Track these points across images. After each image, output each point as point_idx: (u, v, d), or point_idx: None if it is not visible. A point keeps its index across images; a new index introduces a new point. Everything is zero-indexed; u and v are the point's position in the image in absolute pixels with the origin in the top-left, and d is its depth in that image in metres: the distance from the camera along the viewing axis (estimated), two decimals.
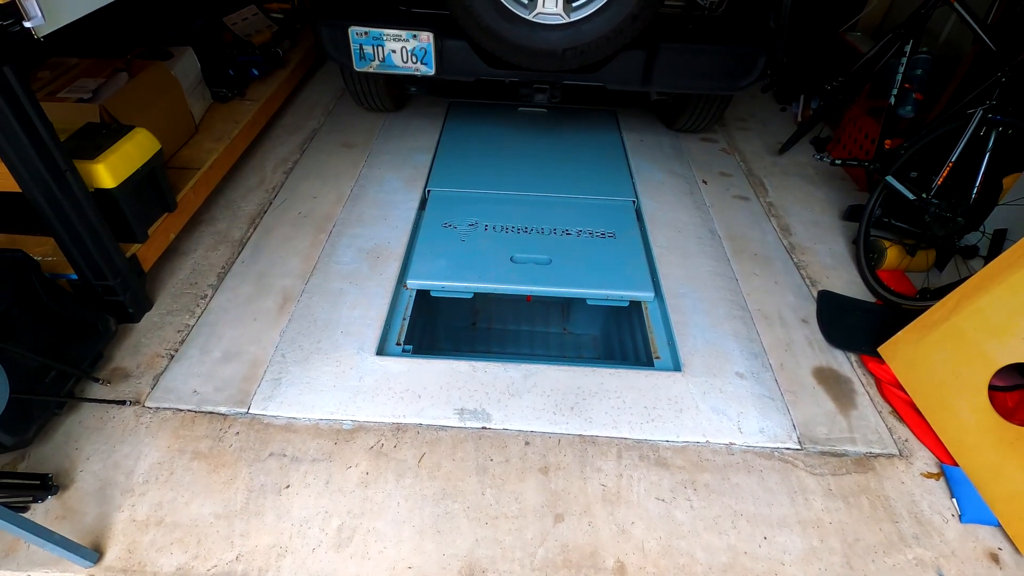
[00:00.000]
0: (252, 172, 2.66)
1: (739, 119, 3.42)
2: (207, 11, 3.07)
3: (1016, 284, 1.48)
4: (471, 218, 2.36)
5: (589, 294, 2.05)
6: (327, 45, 2.30)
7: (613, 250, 2.23)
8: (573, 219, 2.40)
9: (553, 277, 2.08)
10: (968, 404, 1.56)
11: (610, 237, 2.30)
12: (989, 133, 1.90)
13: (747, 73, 2.29)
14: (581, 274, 2.10)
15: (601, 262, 2.17)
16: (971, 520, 1.47)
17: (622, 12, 1.96)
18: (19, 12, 1.29)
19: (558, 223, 2.37)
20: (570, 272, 2.11)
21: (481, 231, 2.30)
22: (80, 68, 2.18)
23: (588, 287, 2.05)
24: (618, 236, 2.31)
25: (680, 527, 1.42)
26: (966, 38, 2.62)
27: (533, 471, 1.52)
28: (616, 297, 2.05)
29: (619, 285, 2.06)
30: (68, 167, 1.51)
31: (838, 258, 2.35)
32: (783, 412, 1.71)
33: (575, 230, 2.33)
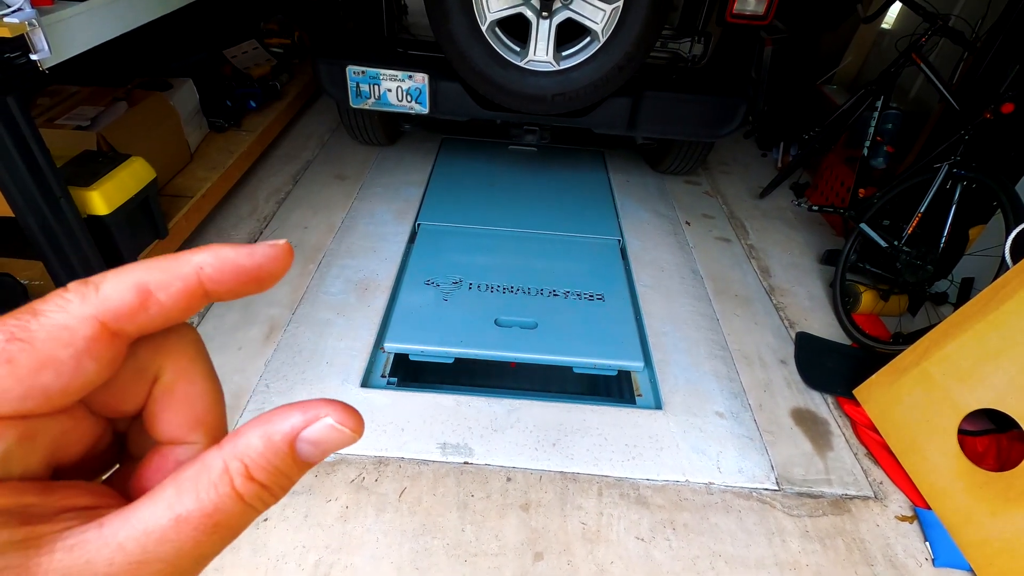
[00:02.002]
0: (245, 201, 2.69)
1: (722, 163, 3.54)
2: (209, 44, 3.16)
3: (981, 332, 1.54)
4: (455, 275, 2.25)
5: (576, 362, 1.94)
6: (324, 82, 2.37)
7: (602, 314, 2.13)
8: (561, 279, 2.29)
9: (539, 343, 1.97)
10: (938, 448, 1.60)
11: (599, 300, 2.19)
12: (955, 187, 2.00)
13: (728, 122, 2.40)
14: (568, 340, 1.99)
15: (589, 327, 2.06)
16: (944, 564, 1.49)
17: (609, 62, 2.06)
18: (27, 45, 1.34)
19: (545, 282, 2.26)
20: (557, 338, 2.00)
21: (465, 290, 2.18)
22: (80, 96, 2.22)
23: (576, 355, 1.94)
24: (607, 299, 2.21)
25: (659, 567, 1.42)
26: (933, 96, 2.77)
27: (514, 507, 1.52)
28: (604, 366, 1.95)
29: (608, 353, 1.95)
30: (63, 193, 1.53)
31: (816, 301, 2.42)
32: (762, 452, 1.74)
33: (563, 291, 2.22)
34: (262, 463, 0.19)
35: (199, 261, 0.20)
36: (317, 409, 0.19)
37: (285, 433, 0.19)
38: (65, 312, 0.18)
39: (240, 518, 0.19)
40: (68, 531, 0.17)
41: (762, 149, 3.76)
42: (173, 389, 0.22)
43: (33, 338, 0.17)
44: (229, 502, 0.18)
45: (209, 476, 0.18)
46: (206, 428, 0.22)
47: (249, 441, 0.19)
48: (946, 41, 2.33)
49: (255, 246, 0.20)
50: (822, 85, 3.60)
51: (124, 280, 0.19)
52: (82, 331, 0.18)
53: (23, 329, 0.17)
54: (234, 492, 0.18)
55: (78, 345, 0.18)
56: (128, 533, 0.17)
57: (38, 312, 0.18)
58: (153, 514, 0.18)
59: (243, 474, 0.18)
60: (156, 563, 0.17)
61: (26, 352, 0.17)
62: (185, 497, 0.18)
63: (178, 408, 0.22)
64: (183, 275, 0.19)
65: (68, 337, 0.17)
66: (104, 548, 0.17)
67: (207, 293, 0.20)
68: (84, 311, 0.18)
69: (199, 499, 0.18)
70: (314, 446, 0.19)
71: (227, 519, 0.18)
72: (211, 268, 0.20)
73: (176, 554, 0.18)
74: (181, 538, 0.18)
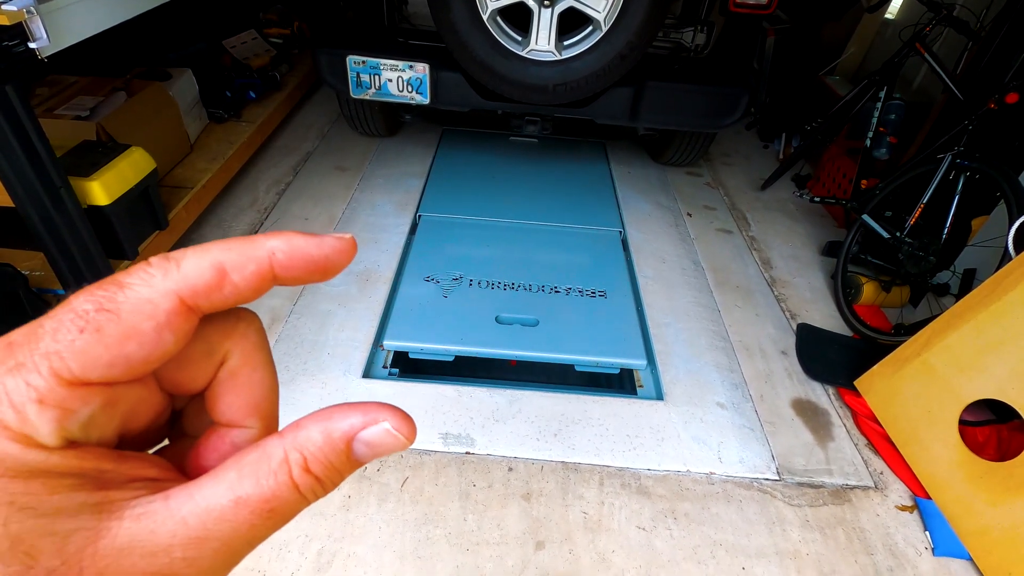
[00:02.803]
0: (245, 192, 2.69)
1: (724, 154, 3.53)
2: (208, 34, 3.14)
3: (983, 323, 1.54)
4: (455, 270, 2.22)
5: (578, 360, 1.92)
6: (325, 72, 2.36)
7: (604, 311, 2.10)
8: (562, 273, 2.26)
9: (540, 341, 1.94)
10: (939, 438, 1.60)
11: (601, 296, 2.16)
12: (958, 177, 1.99)
13: (730, 112, 2.39)
14: (570, 338, 1.96)
15: (591, 325, 2.03)
16: (944, 553, 1.50)
17: (611, 52, 2.04)
18: (25, 33, 1.32)
19: (546, 278, 2.22)
20: (558, 335, 1.97)
21: (465, 286, 2.15)
22: (79, 86, 2.21)
23: (577, 353, 1.92)
24: (609, 295, 2.17)
25: (660, 556, 1.43)
26: (937, 86, 2.75)
27: (515, 497, 1.52)
28: (607, 364, 1.92)
29: (611, 352, 1.93)
30: (63, 183, 1.53)
31: (817, 292, 2.42)
32: (762, 443, 1.74)
33: (564, 287, 2.19)
34: (320, 457, 0.19)
35: (272, 246, 0.20)
36: (376, 412, 0.20)
37: (344, 431, 0.20)
38: (148, 286, 0.18)
39: (293, 506, 0.19)
40: (136, 500, 0.18)
41: (764, 140, 3.74)
42: (238, 373, 0.23)
43: (119, 309, 0.18)
44: (285, 490, 0.19)
45: (269, 464, 0.19)
46: (262, 415, 0.23)
47: (310, 434, 0.20)
48: (950, 31, 2.31)
49: (324, 237, 0.21)
50: (824, 76, 3.57)
51: (204, 258, 0.20)
52: (163, 305, 0.19)
53: (110, 300, 0.18)
54: (291, 481, 0.19)
55: (159, 318, 0.19)
56: (191, 509, 0.18)
57: (124, 285, 0.18)
58: (215, 493, 0.19)
59: (301, 465, 0.19)
60: (213, 541, 0.18)
61: (113, 322, 0.18)
62: (246, 481, 0.19)
63: (240, 392, 0.23)
64: (257, 258, 0.20)
65: (151, 310, 0.18)
66: (168, 520, 0.18)
67: (275, 277, 0.21)
68: (166, 286, 0.19)
69: (259, 484, 0.19)
70: (369, 447, 0.20)
71: (281, 506, 0.19)
72: (283, 254, 0.20)
73: (232, 534, 0.18)
74: (238, 519, 0.18)
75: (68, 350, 0.17)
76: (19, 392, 0.17)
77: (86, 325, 0.17)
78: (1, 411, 0.17)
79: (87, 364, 0.17)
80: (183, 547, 0.18)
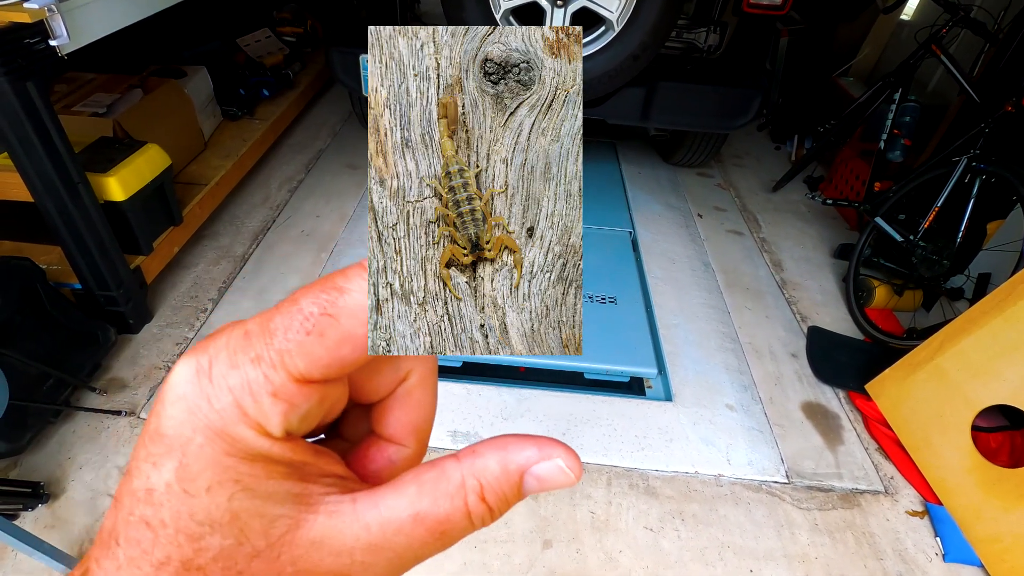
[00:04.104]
0: (258, 189, 2.71)
1: (735, 156, 3.51)
2: (222, 33, 3.17)
3: (997, 328, 1.52)
4: None
5: (588, 368, 1.91)
6: (338, 70, 2.37)
7: (615, 318, 2.07)
8: None
9: None
10: (951, 444, 1.59)
11: (611, 303, 2.13)
12: (973, 181, 1.97)
13: (742, 114, 2.37)
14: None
15: (602, 332, 1.99)
16: (955, 560, 1.49)
17: (624, 52, 2.04)
18: (46, 31, 1.35)
19: None
20: None
21: None
22: (96, 83, 2.24)
23: (587, 360, 1.89)
24: (620, 301, 2.14)
25: (667, 557, 1.43)
26: (952, 88, 2.73)
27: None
28: (617, 372, 1.90)
29: (621, 360, 1.90)
30: (81, 179, 1.55)
31: (828, 295, 2.41)
32: (771, 445, 1.74)
33: None
34: (495, 486, 0.20)
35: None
36: (550, 448, 0.20)
37: (520, 464, 0.20)
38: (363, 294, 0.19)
39: (461, 531, 0.20)
40: (328, 496, 0.19)
41: (775, 142, 3.72)
42: (412, 393, 0.23)
43: (339, 314, 0.19)
44: (458, 515, 0.19)
45: (448, 486, 0.20)
46: (419, 437, 0.24)
47: (487, 463, 0.20)
48: (967, 33, 2.29)
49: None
50: (838, 77, 3.55)
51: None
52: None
53: (332, 304, 0.19)
54: (465, 507, 0.20)
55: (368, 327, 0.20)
56: (374, 517, 0.19)
57: (344, 290, 0.19)
58: (397, 506, 0.19)
59: (477, 492, 0.20)
60: (388, 551, 0.19)
61: (333, 327, 0.19)
62: (425, 499, 0.19)
63: (409, 411, 0.23)
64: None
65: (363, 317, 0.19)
66: (354, 523, 0.19)
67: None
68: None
69: (436, 504, 0.19)
70: (539, 481, 0.20)
71: (452, 528, 0.20)
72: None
73: (405, 548, 0.19)
74: (413, 535, 0.19)
75: (297, 350, 0.18)
76: (258, 384, 0.18)
77: (312, 328, 0.18)
78: (243, 399, 0.18)
79: (311, 364, 0.18)
80: (363, 552, 0.19)
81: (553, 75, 0.22)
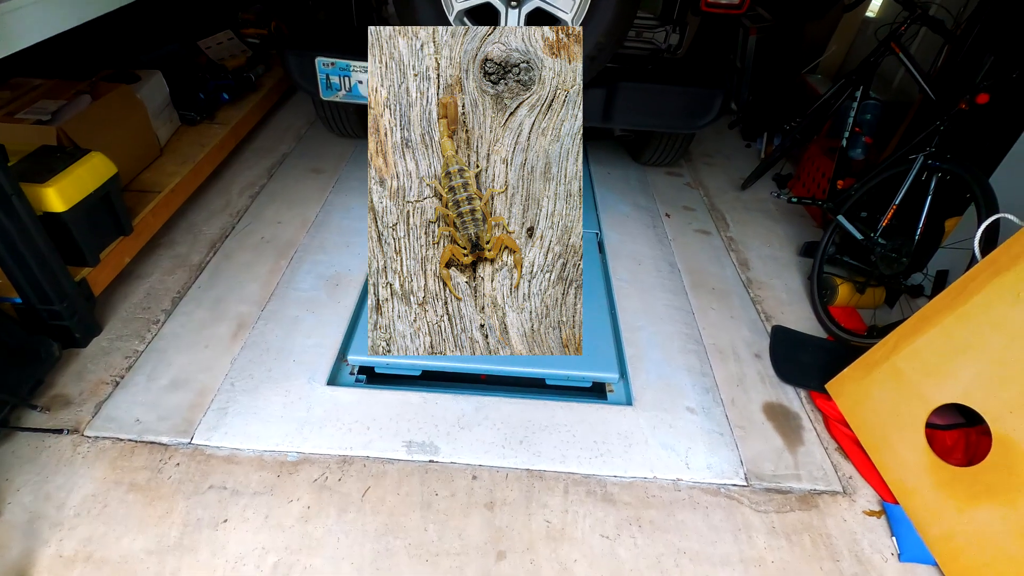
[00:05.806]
0: (218, 195, 2.65)
1: (705, 154, 3.51)
2: (182, 35, 3.10)
3: (950, 326, 1.52)
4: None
5: (549, 374, 1.91)
6: (294, 74, 2.33)
7: None
8: None
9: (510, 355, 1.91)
10: (907, 443, 1.59)
11: None
12: (930, 178, 1.98)
13: (704, 113, 2.37)
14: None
15: None
16: (910, 559, 1.49)
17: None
18: None
19: None
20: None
21: None
22: (42, 89, 2.17)
23: (548, 366, 1.89)
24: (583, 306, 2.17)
25: (623, 565, 1.41)
26: (915, 86, 2.74)
27: (478, 506, 1.50)
28: (578, 378, 1.91)
29: (582, 365, 1.90)
30: (14, 191, 1.49)
31: (793, 294, 2.41)
32: (731, 448, 1.73)
33: None
34: None
35: None
36: None
37: None
38: None
39: None
40: None
41: (746, 140, 3.73)
42: None
43: None
44: None
45: None
46: None
47: None
48: (929, 31, 2.30)
49: None
50: (806, 75, 3.56)
51: None
52: None
53: None
54: None
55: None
56: None
57: None
58: None
59: None
60: None
61: None
62: None
63: None
64: None
65: None
66: None
67: None
68: None
69: None
70: None
71: None
72: None
73: None
74: None
75: None
76: None
77: None
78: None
79: None
80: None
81: (553, 75, 0.21)
